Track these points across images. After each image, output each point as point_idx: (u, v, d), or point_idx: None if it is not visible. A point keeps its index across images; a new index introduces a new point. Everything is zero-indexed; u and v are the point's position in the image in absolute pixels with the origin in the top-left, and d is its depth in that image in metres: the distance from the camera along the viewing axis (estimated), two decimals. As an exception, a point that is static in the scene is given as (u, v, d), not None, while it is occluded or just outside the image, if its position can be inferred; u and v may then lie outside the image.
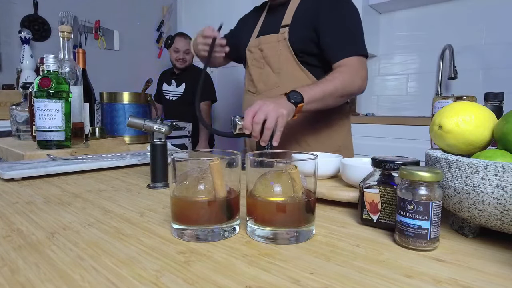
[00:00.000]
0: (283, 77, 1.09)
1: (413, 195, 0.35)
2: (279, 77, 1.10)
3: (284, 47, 1.07)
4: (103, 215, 0.47)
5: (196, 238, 0.38)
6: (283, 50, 1.07)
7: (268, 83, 1.12)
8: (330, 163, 0.59)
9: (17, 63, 2.22)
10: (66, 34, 0.98)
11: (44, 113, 0.88)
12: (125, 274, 0.30)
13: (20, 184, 0.64)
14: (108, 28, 3.20)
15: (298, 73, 1.09)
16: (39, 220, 0.44)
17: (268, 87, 1.12)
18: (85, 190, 0.60)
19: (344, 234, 0.41)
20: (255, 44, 1.14)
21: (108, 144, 1.01)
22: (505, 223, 0.34)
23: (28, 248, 0.35)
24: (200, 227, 0.38)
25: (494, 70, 2.13)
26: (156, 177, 0.63)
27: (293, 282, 0.29)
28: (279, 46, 1.08)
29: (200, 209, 0.39)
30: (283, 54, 1.07)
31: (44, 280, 0.29)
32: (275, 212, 0.38)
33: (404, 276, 0.30)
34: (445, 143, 0.42)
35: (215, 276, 0.30)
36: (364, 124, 2.07)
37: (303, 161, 0.39)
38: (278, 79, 1.10)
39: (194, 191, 0.39)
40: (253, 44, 1.15)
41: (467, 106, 0.42)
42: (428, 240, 0.35)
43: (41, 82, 0.87)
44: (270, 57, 1.10)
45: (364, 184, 0.43)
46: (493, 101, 0.62)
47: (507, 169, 0.33)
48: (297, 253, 0.35)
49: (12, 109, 1.22)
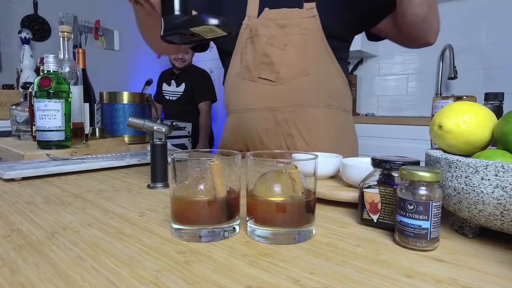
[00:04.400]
0: (311, 63, 0.87)
1: (413, 195, 0.35)
2: (306, 63, 0.87)
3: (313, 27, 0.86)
4: (103, 215, 0.47)
5: (196, 238, 0.38)
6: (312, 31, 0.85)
7: (294, 68, 0.87)
8: (330, 163, 0.59)
9: (17, 63, 2.22)
10: (66, 34, 0.98)
11: (44, 113, 0.88)
12: (125, 274, 0.30)
13: (20, 184, 0.64)
14: (108, 28, 3.20)
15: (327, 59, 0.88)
16: (39, 220, 0.44)
17: (294, 73, 0.87)
18: (85, 190, 0.60)
19: (344, 234, 0.41)
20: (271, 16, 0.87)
21: (108, 144, 1.01)
22: (505, 223, 0.34)
23: (28, 248, 0.35)
24: (200, 227, 0.38)
25: (494, 70, 2.14)
26: (156, 177, 0.63)
27: (293, 282, 0.29)
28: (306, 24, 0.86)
29: (200, 209, 0.39)
30: (311, 36, 0.86)
31: (44, 280, 0.29)
32: (275, 212, 0.38)
33: (404, 276, 0.30)
34: (445, 143, 0.42)
35: (215, 276, 0.30)
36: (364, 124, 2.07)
37: (303, 161, 0.39)
38: (305, 65, 0.87)
39: (194, 191, 0.39)
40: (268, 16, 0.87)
41: (467, 106, 0.42)
42: (428, 240, 0.35)
43: (41, 82, 0.87)
44: (295, 36, 0.86)
45: (364, 184, 0.43)
46: (493, 101, 0.63)
47: (507, 169, 0.33)
48: (297, 253, 0.35)
49: (12, 109, 1.22)
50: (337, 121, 0.93)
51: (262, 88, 0.89)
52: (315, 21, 0.85)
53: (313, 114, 0.89)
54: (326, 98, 0.90)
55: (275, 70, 0.87)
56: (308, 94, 0.89)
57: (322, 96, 0.90)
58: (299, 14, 0.85)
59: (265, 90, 0.89)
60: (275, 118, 0.90)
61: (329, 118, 0.91)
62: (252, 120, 0.92)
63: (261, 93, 0.89)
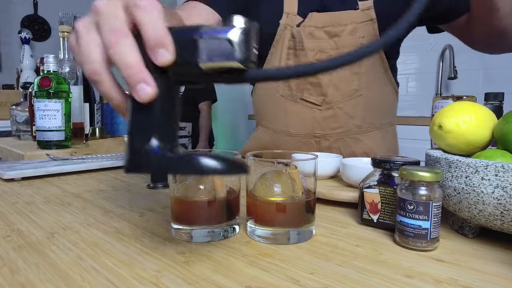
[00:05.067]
0: (363, 81, 0.74)
1: (413, 195, 0.35)
2: (359, 82, 0.74)
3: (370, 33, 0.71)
4: (103, 215, 0.47)
5: (196, 238, 0.38)
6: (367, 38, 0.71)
7: (344, 90, 0.74)
8: (330, 163, 0.59)
9: (17, 63, 2.22)
10: (66, 34, 0.99)
11: (44, 113, 0.88)
12: (125, 274, 0.30)
13: (20, 184, 0.64)
14: (108, 28, 3.20)
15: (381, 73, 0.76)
16: (39, 220, 0.44)
17: (344, 96, 0.75)
18: (85, 190, 0.60)
19: (344, 234, 0.41)
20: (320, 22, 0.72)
21: (108, 144, 1.01)
22: (505, 223, 0.34)
23: (28, 248, 0.35)
24: (200, 227, 0.38)
25: (494, 70, 2.13)
26: (156, 177, 0.63)
27: (293, 282, 0.29)
28: (361, 31, 0.71)
29: (200, 209, 0.39)
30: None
31: (44, 280, 0.29)
32: (275, 212, 0.38)
33: (404, 276, 0.30)
34: (445, 143, 0.42)
35: (215, 276, 0.30)
36: (364, 124, 2.06)
37: (303, 161, 0.39)
38: (358, 83, 0.74)
39: (194, 191, 0.39)
40: (315, 23, 0.72)
41: (467, 106, 0.42)
42: (428, 240, 0.35)
43: (41, 82, 0.87)
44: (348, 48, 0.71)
45: (364, 184, 0.43)
46: (493, 101, 0.63)
47: (507, 169, 0.33)
48: (297, 253, 0.35)
49: (12, 109, 1.22)
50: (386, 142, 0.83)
51: (306, 111, 0.76)
52: (371, 25, 0.71)
53: (362, 140, 0.79)
54: (379, 119, 0.80)
55: (322, 92, 0.75)
56: (359, 119, 0.77)
57: (375, 119, 0.79)
58: (353, 18, 0.71)
59: (310, 114, 0.77)
60: (318, 145, 0.80)
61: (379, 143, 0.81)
62: (291, 144, 0.82)
63: (305, 117, 0.77)
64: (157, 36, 0.26)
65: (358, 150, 0.80)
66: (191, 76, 0.29)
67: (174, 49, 0.27)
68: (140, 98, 0.27)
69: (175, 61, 0.27)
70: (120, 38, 0.27)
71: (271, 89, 0.81)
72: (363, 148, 0.80)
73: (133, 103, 0.28)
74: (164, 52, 0.26)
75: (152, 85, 0.27)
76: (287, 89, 0.78)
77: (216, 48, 0.26)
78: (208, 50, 0.26)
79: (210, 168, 0.26)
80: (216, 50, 0.26)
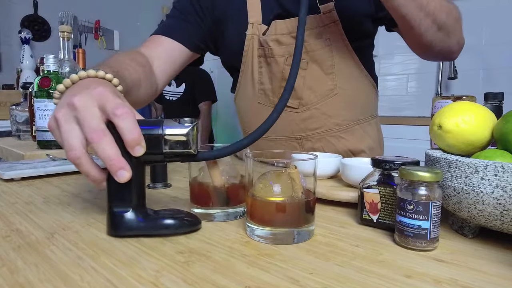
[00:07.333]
0: (338, 79, 0.76)
1: (413, 195, 0.35)
2: (333, 80, 0.76)
3: (336, 34, 0.73)
4: (103, 215, 0.46)
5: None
6: (334, 39, 0.73)
7: (319, 91, 0.76)
8: (330, 163, 0.59)
9: (17, 63, 2.22)
10: (66, 34, 0.99)
11: (44, 113, 0.88)
12: (124, 274, 0.30)
13: (20, 184, 0.64)
14: (108, 28, 3.20)
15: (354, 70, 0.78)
16: (39, 220, 0.44)
17: (320, 96, 0.77)
18: (84, 190, 0.60)
19: (343, 234, 0.41)
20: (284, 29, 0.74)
21: (108, 144, 1.01)
22: (504, 223, 0.34)
23: (28, 248, 0.35)
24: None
25: (494, 70, 2.14)
26: (156, 177, 0.63)
27: (293, 282, 0.29)
28: (326, 33, 0.73)
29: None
30: (335, 47, 0.74)
31: (44, 280, 0.29)
32: (274, 212, 0.38)
33: (404, 276, 0.30)
34: (445, 143, 0.42)
35: (214, 276, 0.30)
36: (364, 124, 2.07)
37: (302, 161, 0.39)
38: (332, 82, 0.76)
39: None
40: (280, 30, 0.74)
41: (467, 106, 0.42)
42: (428, 240, 0.35)
43: (41, 82, 0.87)
44: (317, 51, 0.74)
45: (364, 184, 0.43)
46: (493, 101, 0.62)
47: (507, 169, 0.33)
48: (296, 253, 0.35)
49: (12, 109, 1.23)
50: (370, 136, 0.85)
51: (284, 116, 0.75)
52: (336, 27, 0.72)
53: (344, 138, 0.81)
54: (359, 115, 0.82)
55: (297, 96, 0.76)
56: (338, 117, 0.79)
57: (355, 115, 0.81)
58: (317, 22, 0.72)
59: (288, 118, 0.78)
60: (301, 147, 0.82)
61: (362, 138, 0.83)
62: (275, 148, 0.83)
63: (284, 121, 0.78)
64: (134, 138, 0.36)
65: (342, 147, 0.81)
66: (156, 159, 0.38)
67: (145, 145, 0.36)
68: (120, 180, 0.36)
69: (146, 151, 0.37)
70: (102, 137, 0.35)
71: (249, 97, 0.83)
72: (346, 145, 0.81)
73: (112, 180, 0.36)
74: (139, 148, 0.36)
75: (128, 170, 0.36)
76: (263, 96, 0.81)
77: (176, 141, 0.37)
78: (170, 143, 0.37)
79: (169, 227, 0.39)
80: (176, 143, 0.37)
